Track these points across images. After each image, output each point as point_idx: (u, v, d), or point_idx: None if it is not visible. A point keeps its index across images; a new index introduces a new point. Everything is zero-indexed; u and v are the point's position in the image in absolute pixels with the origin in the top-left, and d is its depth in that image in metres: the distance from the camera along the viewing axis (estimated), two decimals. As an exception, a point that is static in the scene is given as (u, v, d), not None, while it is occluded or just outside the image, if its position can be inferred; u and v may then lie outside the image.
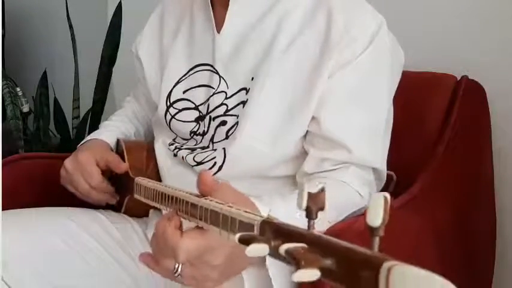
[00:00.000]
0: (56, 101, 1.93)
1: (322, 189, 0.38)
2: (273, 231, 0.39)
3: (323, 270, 0.32)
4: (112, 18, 1.80)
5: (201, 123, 0.93)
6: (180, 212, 0.60)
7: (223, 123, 0.89)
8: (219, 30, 0.92)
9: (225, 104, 0.90)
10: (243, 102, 0.88)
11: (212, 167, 0.89)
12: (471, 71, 1.16)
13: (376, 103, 0.87)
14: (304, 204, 0.37)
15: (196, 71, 0.95)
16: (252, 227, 0.43)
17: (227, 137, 0.89)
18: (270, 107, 0.86)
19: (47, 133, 1.87)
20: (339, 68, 0.83)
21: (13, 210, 0.95)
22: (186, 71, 0.96)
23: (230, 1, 0.90)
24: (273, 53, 0.87)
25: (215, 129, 0.90)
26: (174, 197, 0.63)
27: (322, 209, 0.37)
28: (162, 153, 0.99)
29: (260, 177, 0.88)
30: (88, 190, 0.96)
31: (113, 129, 1.09)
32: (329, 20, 0.84)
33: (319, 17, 0.86)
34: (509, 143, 1.23)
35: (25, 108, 1.85)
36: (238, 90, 0.89)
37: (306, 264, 0.32)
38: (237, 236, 0.39)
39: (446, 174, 1.05)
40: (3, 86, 1.76)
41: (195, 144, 0.94)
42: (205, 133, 0.92)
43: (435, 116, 1.12)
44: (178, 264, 0.60)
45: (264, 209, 0.64)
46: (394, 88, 0.92)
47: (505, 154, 1.22)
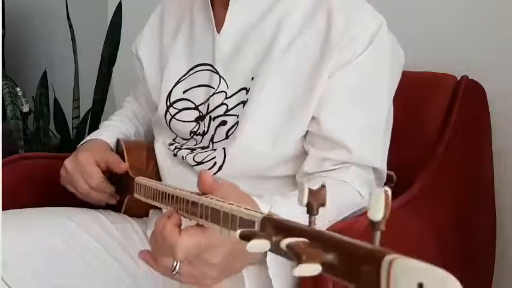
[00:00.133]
0: (56, 101, 1.93)
1: (323, 186, 0.38)
2: (273, 227, 0.39)
3: (324, 264, 0.32)
4: (112, 18, 1.80)
5: (201, 123, 0.93)
6: (180, 210, 0.60)
7: (223, 123, 0.89)
8: (219, 30, 0.92)
9: (225, 103, 0.90)
10: (243, 102, 0.88)
11: (212, 166, 0.89)
12: (471, 71, 1.16)
13: (376, 103, 0.87)
14: (305, 200, 0.37)
15: (196, 71, 0.95)
16: (252, 223, 0.43)
17: (227, 137, 0.89)
18: (270, 107, 0.86)
19: (47, 133, 1.87)
20: (339, 68, 0.83)
21: (13, 210, 0.95)
22: (186, 71, 0.96)
23: (230, 1, 0.90)
24: (273, 53, 0.87)
25: (215, 129, 0.90)
26: (174, 196, 0.62)
27: (323, 205, 0.37)
28: (162, 153, 0.99)
29: (260, 177, 0.88)
30: (88, 190, 0.96)
31: (113, 129, 1.09)
32: (329, 20, 0.84)
33: (319, 17, 0.86)
34: (509, 143, 1.23)
35: (25, 108, 1.85)
36: (238, 90, 0.89)
37: (307, 259, 0.32)
38: (238, 232, 0.39)
39: (446, 174, 1.05)
40: (3, 86, 1.76)
41: (195, 144, 0.94)
42: (205, 133, 0.92)
43: (435, 116, 1.12)
44: (176, 262, 0.60)
45: (265, 207, 0.63)
46: (394, 88, 0.93)
47: (505, 154, 1.22)
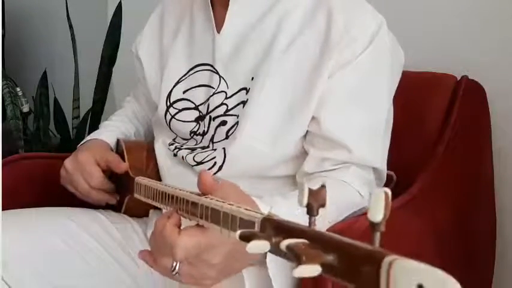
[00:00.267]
0: (56, 101, 1.93)
1: (323, 186, 0.38)
2: (273, 228, 0.39)
3: (324, 265, 0.32)
4: (112, 18, 1.80)
5: (201, 123, 0.93)
6: (180, 210, 0.60)
7: (223, 123, 0.89)
8: (219, 30, 0.92)
9: (225, 104, 0.90)
10: (243, 102, 0.88)
11: (212, 167, 0.89)
12: (471, 71, 1.16)
13: (376, 103, 0.87)
14: (305, 200, 0.37)
15: (196, 71, 0.95)
16: (252, 224, 0.43)
17: (227, 137, 0.89)
18: (270, 107, 0.86)
19: (47, 133, 1.87)
20: (339, 68, 0.83)
21: (13, 210, 0.95)
22: (186, 71, 0.96)
23: (230, 1, 0.90)
24: (273, 53, 0.87)
25: (215, 129, 0.90)
26: (174, 196, 0.62)
27: (323, 205, 0.37)
28: (162, 153, 0.99)
29: (260, 177, 0.88)
30: (88, 190, 0.96)
31: (113, 129, 1.09)
32: (329, 20, 0.84)
33: (319, 17, 0.86)
34: (509, 143, 1.23)
35: (25, 108, 1.85)
36: (238, 90, 0.89)
37: (307, 260, 0.32)
38: (238, 232, 0.39)
39: (446, 174, 1.05)
40: (3, 86, 1.76)
41: (195, 144, 0.94)
42: (205, 133, 0.92)
43: (435, 116, 1.12)
44: (176, 263, 0.60)
45: (265, 207, 0.63)
46: (394, 88, 0.93)
47: (505, 154, 1.22)
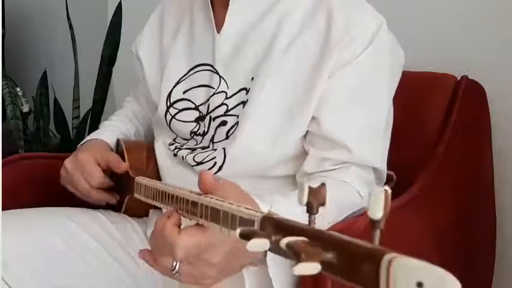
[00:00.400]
0: (56, 101, 1.93)
1: (322, 185, 0.38)
2: (273, 226, 0.39)
3: (324, 263, 0.32)
4: (112, 18, 1.80)
5: (201, 124, 0.93)
6: (180, 210, 0.60)
7: (224, 123, 0.89)
8: (219, 30, 0.92)
9: (225, 104, 0.90)
10: (243, 102, 0.88)
11: (212, 167, 0.89)
12: (471, 71, 1.16)
13: (376, 103, 0.87)
14: (305, 199, 0.37)
15: (197, 71, 0.95)
16: (252, 222, 0.43)
17: (227, 137, 0.89)
18: (270, 107, 0.86)
19: (47, 133, 1.87)
20: (339, 68, 0.83)
21: (13, 210, 0.95)
22: (186, 71, 0.96)
23: (230, 1, 0.90)
24: (273, 53, 0.87)
25: (215, 130, 0.90)
26: (174, 196, 0.62)
27: (323, 204, 0.37)
28: (162, 153, 0.99)
29: (260, 177, 0.88)
30: (88, 190, 0.96)
31: (113, 129, 1.09)
32: (329, 20, 0.84)
33: (319, 17, 0.86)
34: (509, 143, 1.23)
35: (25, 108, 1.85)
36: (239, 90, 0.89)
37: (306, 258, 0.32)
38: (238, 230, 0.39)
39: (446, 174, 1.05)
40: (3, 86, 1.76)
41: (195, 144, 0.94)
42: (206, 133, 0.92)
43: (435, 116, 1.12)
44: (176, 262, 0.60)
45: (265, 206, 0.64)
46: (394, 88, 0.93)
47: (505, 154, 1.22)
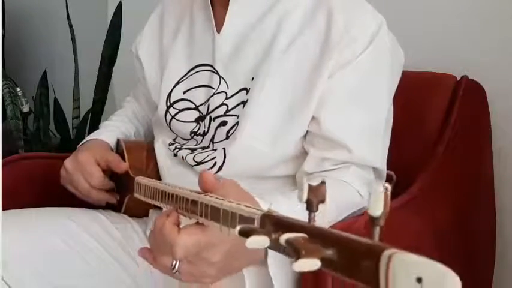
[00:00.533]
0: (56, 101, 1.93)
1: (322, 182, 0.37)
2: (273, 223, 0.39)
3: (324, 260, 0.32)
4: (112, 18, 1.79)
5: (202, 124, 0.93)
6: (180, 209, 0.60)
7: (224, 123, 0.89)
8: (219, 30, 0.92)
9: (225, 104, 0.90)
10: (243, 103, 0.88)
11: (212, 167, 0.89)
12: (471, 71, 1.16)
13: (376, 103, 0.87)
14: (305, 196, 0.37)
15: (197, 71, 0.95)
16: (252, 220, 0.42)
17: (227, 137, 0.89)
18: (270, 107, 0.86)
19: (47, 133, 1.87)
20: (339, 68, 0.83)
21: (13, 210, 0.95)
22: (186, 71, 0.96)
23: (230, 1, 0.90)
24: (273, 53, 0.87)
25: (215, 130, 0.90)
26: (174, 195, 0.62)
27: (322, 201, 0.37)
28: (162, 153, 0.99)
29: (260, 177, 0.88)
30: (88, 190, 0.96)
31: (113, 129, 1.09)
32: (329, 20, 0.84)
33: (319, 17, 0.86)
34: (509, 143, 1.23)
35: (25, 108, 1.85)
36: (239, 91, 0.89)
37: (306, 254, 0.32)
38: (237, 228, 0.39)
39: (446, 174, 1.05)
40: (3, 86, 1.76)
41: (196, 145, 0.94)
42: (206, 133, 0.92)
43: (435, 116, 1.12)
44: (175, 261, 0.60)
45: (265, 204, 0.63)
46: (394, 88, 0.93)
47: (505, 154, 1.22)
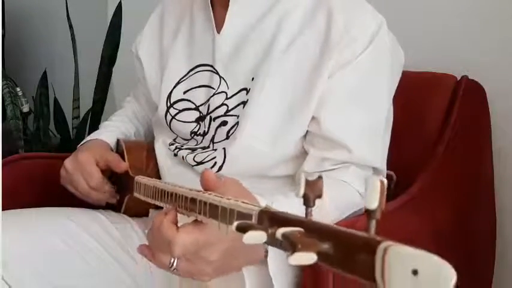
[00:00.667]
0: (56, 101, 1.93)
1: (319, 177, 0.37)
2: (269, 218, 0.39)
3: (320, 254, 0.32)
4: (112, 18, 1.80)
5: (202, 124, 0.93)
6: (179, 208, 0.60)
7: (224, 123, 0.89)
8: (219, 31, 0.92)
9: (225, 104, 0.90)
10: (244, 103, 0.88)
11: (212, 167, 0.89)
12: (471, 71, 1.16)
13: (376, 103, 0.87)
14: (302, 191, 0.37)
15: (197, 72, 0.95)
16: (250, 217, 0.43)
17: (227, 137, 0.89)
18: (270, 107, 0.86)
19: (47, 133, 1.87)
20: (339, 68, 0.83)
21: (13, 210, 0.95)
22: (187, 72, 0.96)
23: (230, 1, 0.90)
24: (273, 53, 0.87)
25: (215, 130, 0.90)
26: (173, 193, 0.62)
27: (319, 196, 0.37)
28: (162, 153, 0.99)
29: (260, 177, 0.88)
30: (88, 190, 0.96)
31: (113, 129, 1.09)
32: (329, 20, 0.84)
33: (319, 17, 0.86)
34: (509, 143, 1.23)
35: (25, 108, 1.85)
36: (239, 91, 0.89)
37: (302, 248, 0.32)
38: (235, 224, 0.39)
39: (446, 174, 1.05)
40: (3, 86, 1.76)
41: (196, 145, 0.94)
42: (206, 133, 0.92)
43: (435, 116, 1.12)
44: (174, 259, 0.61)
45: (264, 202, 0.64)
46: (394, 88, 0.93)
47: (505, 154, 1.22)
